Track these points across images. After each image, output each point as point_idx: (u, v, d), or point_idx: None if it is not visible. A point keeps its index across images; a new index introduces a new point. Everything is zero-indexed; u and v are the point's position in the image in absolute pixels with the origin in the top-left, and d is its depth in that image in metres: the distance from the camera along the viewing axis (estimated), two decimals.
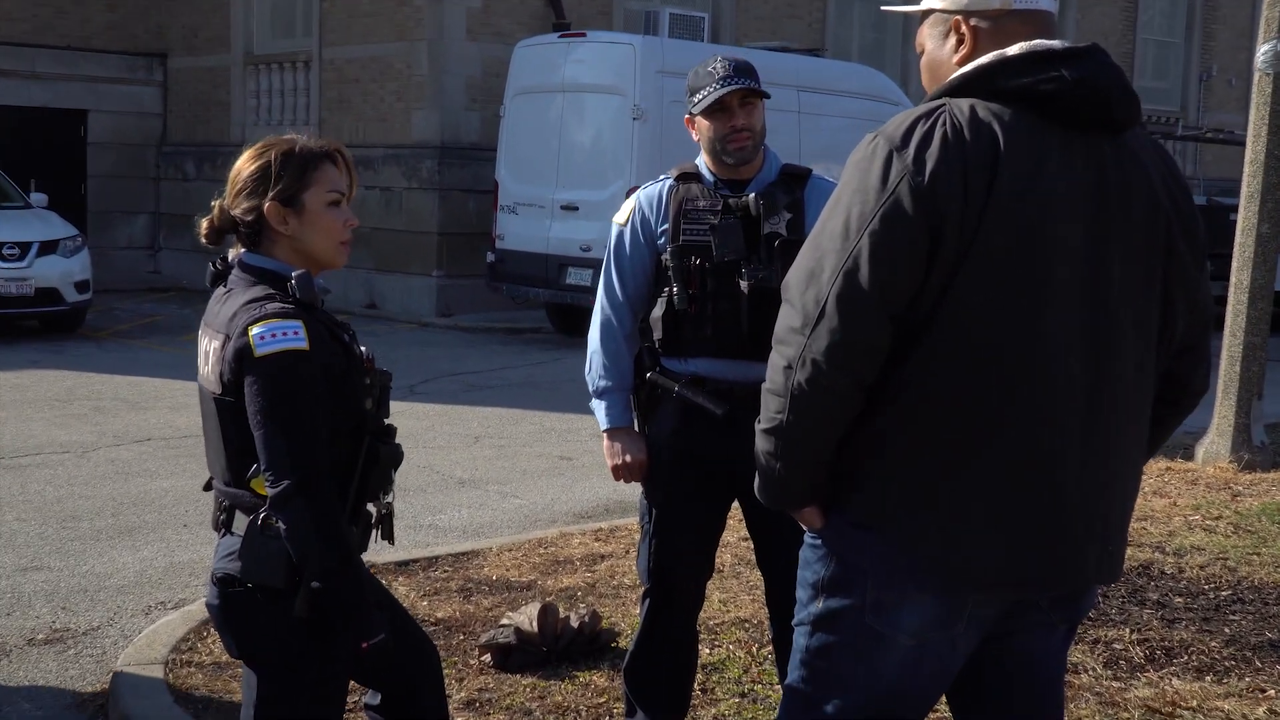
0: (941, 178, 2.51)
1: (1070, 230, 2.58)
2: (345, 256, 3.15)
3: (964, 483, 2.58)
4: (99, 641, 5.51)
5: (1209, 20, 27.61)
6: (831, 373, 2.56)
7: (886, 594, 2.65)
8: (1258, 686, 4.97)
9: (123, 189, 21.65)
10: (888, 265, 2.51)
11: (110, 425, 10.05)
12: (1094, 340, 2.62)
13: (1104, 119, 2.64)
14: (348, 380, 3.02)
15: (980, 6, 2.69)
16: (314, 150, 3.10)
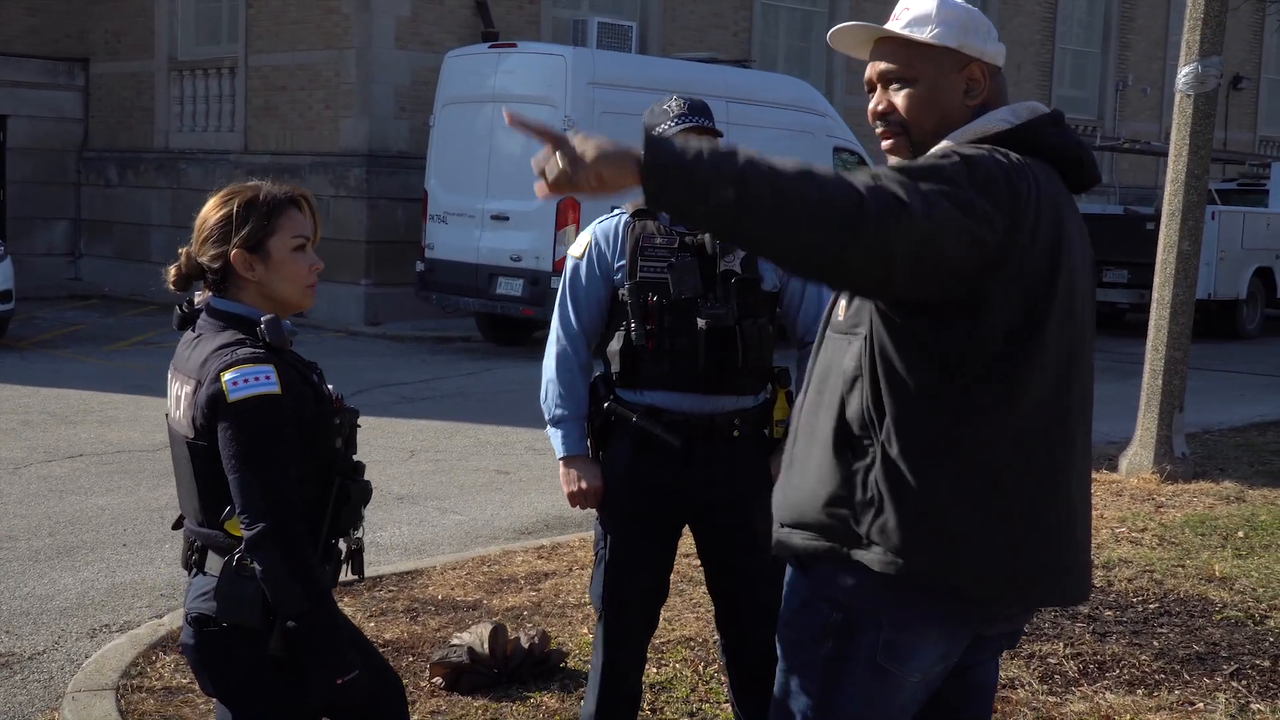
0: (1025, 208, 2.58)
1: (1085, 277, 2.77)
2: (312, 299, 3.22)
3: (1013, 528, 2.68)
4: (45, 666, 5.50)
5: (1125, 31, 28.11)
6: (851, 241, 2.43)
7: (903, 635, 2.72)
8: (1187, 699, 5.13)
9: (42, 195, 21.40)
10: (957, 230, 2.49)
11: (40, 440, 9.97)
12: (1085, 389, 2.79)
13: (1093, 182, 2.82)
14: (318, 421, 3.08)
15: (993, 60, 2.80)
16: (278, 197, 3.15)
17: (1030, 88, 26.53)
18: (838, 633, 2.76)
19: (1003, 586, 2.71)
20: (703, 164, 2.38)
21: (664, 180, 2.38)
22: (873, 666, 2.74)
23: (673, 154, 2.38)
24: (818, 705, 2.80)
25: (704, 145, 2.41)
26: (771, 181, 2.40)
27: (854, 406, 2.73)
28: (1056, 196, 2.67)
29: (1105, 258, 19.36)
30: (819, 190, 2.41)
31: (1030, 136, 2.72)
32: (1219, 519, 7.88)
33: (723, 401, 4.01)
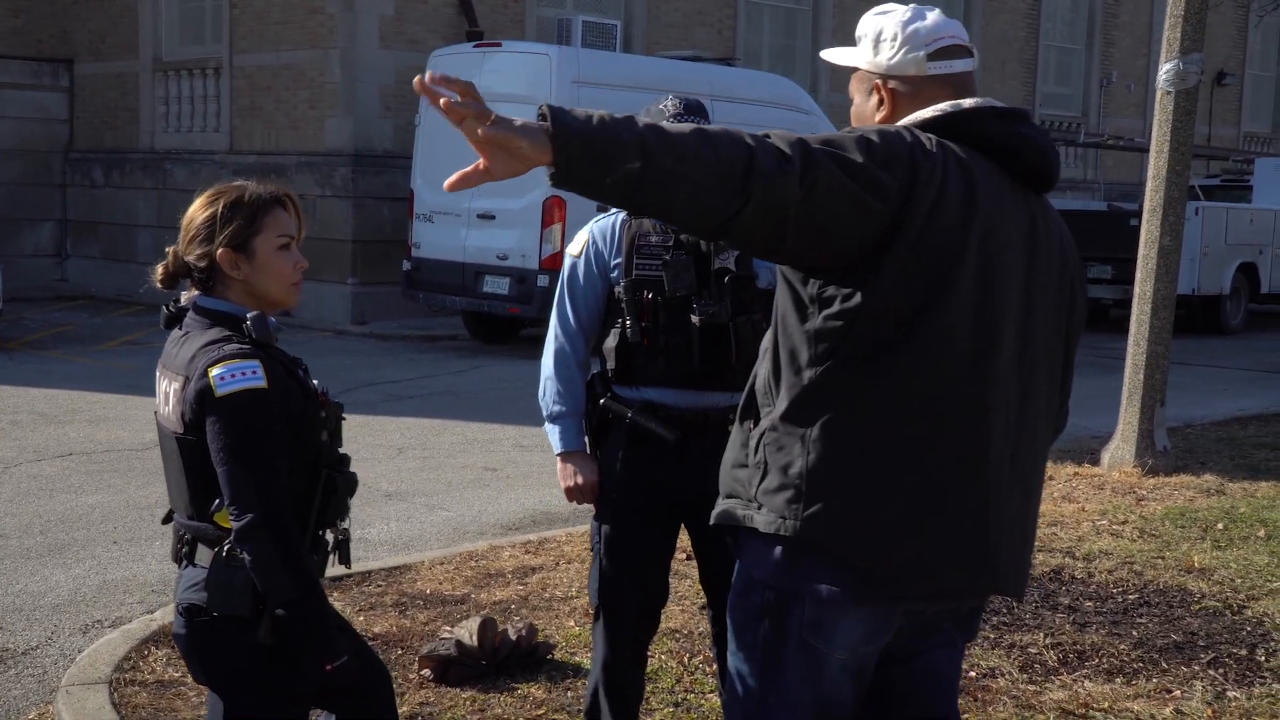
0: (925, 186, 2.64)
1: (1016, 271, 2.80)
2: (297, 296, 3.28)
3: (906, 505, 2.74)
4: (39, 661, 5.56)
5: (1109, 27, 28.24)
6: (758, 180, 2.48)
7: (824, 611, 2.79)
8: (1164, 687, 5.22)
9: (28, 196, 21.39)
10: (840, 184, 2.54)
11: (30, 440, 10.01)
12: (1025, 377, 2.83)
13: (1046, 176, 2.88)
14: (305, 415, 3.14)
15: (899, 72, 2.88)
16: (263, 196, 3.22)
17: (1015, 84, 26.66)
18: (772, 612, 2.84)
19: (901, 565, 2.76)
20: (607, 136, 2.42)
21: (571, 160, 2.42)
22: (801, 644, 2.82)
23: (577, 129, 2.41)
24: (760, 685, 2.89)
25: (604, 114, 2.46)
26: (671, 146, 2.45)
27: (761, 376, 2.85)
28: (979, 184, 2.72)
29: (1089, 254, 19.46)
30: (714, 151, 2.47)
31: (963, 124, 2.79)
32: (1199, 511, 7.97)
33: (717, 397, 4.07)
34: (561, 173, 2.43)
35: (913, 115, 2.84)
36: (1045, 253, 2.87)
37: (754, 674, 2.91)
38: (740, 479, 2.87)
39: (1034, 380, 2.87)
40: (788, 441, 2.76)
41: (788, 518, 2.75)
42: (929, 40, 2.87)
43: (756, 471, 2.81)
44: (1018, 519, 2.90)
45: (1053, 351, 2.94)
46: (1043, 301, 2.87)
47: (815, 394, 2.73)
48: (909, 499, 2.74)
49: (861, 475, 2.73)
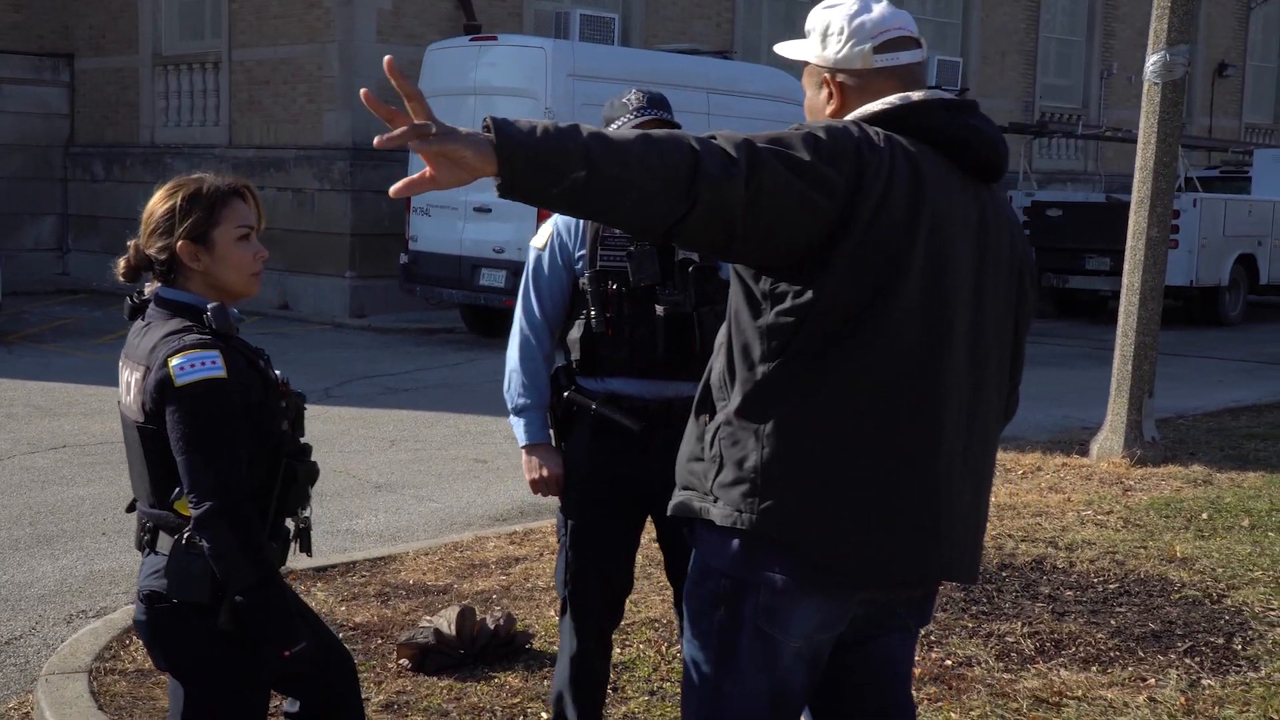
0: (872, 180, 2.65)
1: (965, 262, 2.82)
2: (257, 286, 3.33)
3: (859, 497, 2.76)
4: (21, 651, 5.60)
5: (1109, 19, 28.22)
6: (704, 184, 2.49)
7: (779, 600, 2.82)
8: (1139, 676, 5.24)
9: (29, 191, 21.45)
10: (785, 181, 2.56)
11: (24, 432, 10.07)
12: (975, 369, 2.86)
13: (994, 167, 2.89)
14: (265, 405, 3.18)
15: (846, 65, 2.89)
16: (221, 188, 3.26)
17: (1014, 76, 26.65)
18: (727, 600, 2.86)
19: (855, 557, 2.78)
20: (551, 147, 2.43)
21: (516, 173, 2.42)
22: (756, 631, 2.84)
23: (521, 141, 2.42)
24: (715, 671, 2.90)
25: (547, 124, 2.47)
26: (616, 154, 2.46)
27: (716, 371, 2.87)
28: (926, 177, 2.73)
29: (1087, 246, 19.52)
30: (660, 157, 2.48)
31: (911, 117, 2.81)
32: (1184, 501, 8.00)
33: (681, 387, 4.08)
34: (507, 184, 2.44)
35: (861, 109, 2.86)
36: (994, 243, 2.90)
37: (709, 661, 2.93)
38: (696, 472, 2.89)
39: (985, 371, 2.90)
40: (742, 436, 2.79)
41: (743, 511, 2.78)
42: (875, 33, 2.88)
43: (712, 465, 2.84)
44: (970, 508, 2.93)
45: (1003, 342, 2.97)
46: (993, 292, 2.89)
47: (768, 389, 2.75)
48: (862, 492, 2.76)
49: (815, 469, 2.75)
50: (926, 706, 4.90)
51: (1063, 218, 20.22)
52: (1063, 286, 20.37)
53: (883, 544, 2.79)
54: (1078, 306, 20.82)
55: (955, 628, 5.70)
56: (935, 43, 25.52)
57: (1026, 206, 20.57)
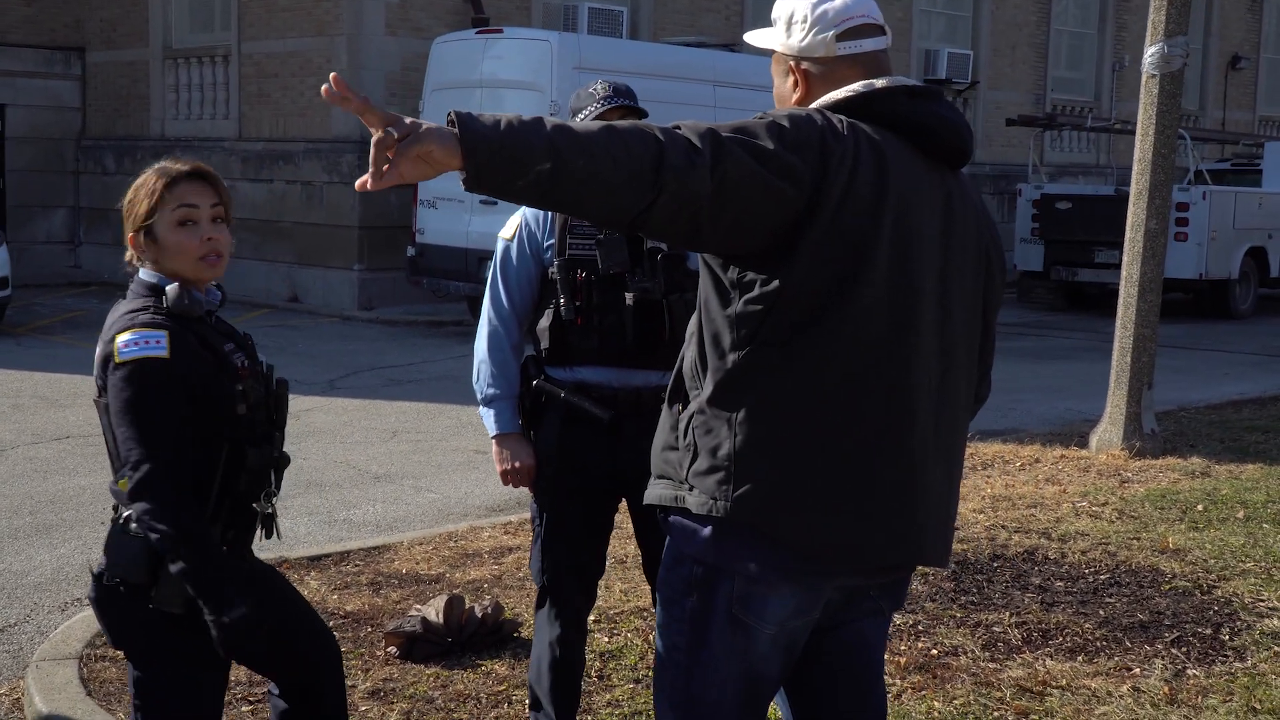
0: (836, 169, 2.67)
1: (931, 248, 2.84)
2: (211, 270, 3.28)
3: (832, 483, 2.78)
4: (15, 638, 5.66)
5: (1121, 11, 28.15)
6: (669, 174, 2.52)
7: (754, 587, 2.84)
8: (1125, 665, 5.26)
9: (41, 183, 21.56)
10: (750, 167, 2.58)
11: (29, 423, 10.14)
12: (943, 353, 2.88)
13: (959, 153, 2.91)
14: (217, 386, 3.19)
15: (809, 54, 2.91)
16: (166, 173, 3.26)
17: (1025, 69, 26.61)
18: (700, 587, 2.88)
19: (829, 543, 2.81)
20: (516, 140, 2.46)
21: (481, 166, 2.45)
22: (730, 618, 2.86)
23: (485, 135, 2.45)
24: (687, 657, 2.92)
25: (511, 118, 2.49)
26: (581, 146, 2.48)
27: (688, 360, 2.90)
28: (890, 164, 2.75)
29: (1097, 238, 19.46)
30: (625, 148, 2.51)
31: (874, 104, 2.82)
32: (1180, 493, 8.00)
33: (650, 375, 4.10)
34: (472, 178, 2.47)
35: (825, 96, 2.88)
36: (961, 229, 2.92)
37: (681, 647, 2.95)
38: (671, 461, 2.92)
39: (954, 356, 2.92)
40: (715, 424, 2.81)
41: (718, 499, 2.80)
42: (838, 21, 2.91)
43: (687, 454, 2.86)
44: (941, 491, 2.95)
45: (971, 328, 2.99)
46: (960, 277, 2.91)
47: (739, 377, 2.77)
48: (834, 477, 2.78)
49: (787, 456, 2.77)
50: (910, 695, 4.93)
51: (1072, 210, 20.18)
52: (1072, 279, 20.33)
53: (856, 530, 2.81)
54: (1087, 299, 20.77)
55: (943, 617, 5.72)
56: (946, 35, 25.51)
57: (1036, 199, 20.54)
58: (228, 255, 3.32)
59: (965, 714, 4.79)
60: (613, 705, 4.85)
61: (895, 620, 5.63)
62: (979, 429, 9.82)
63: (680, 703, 2.97)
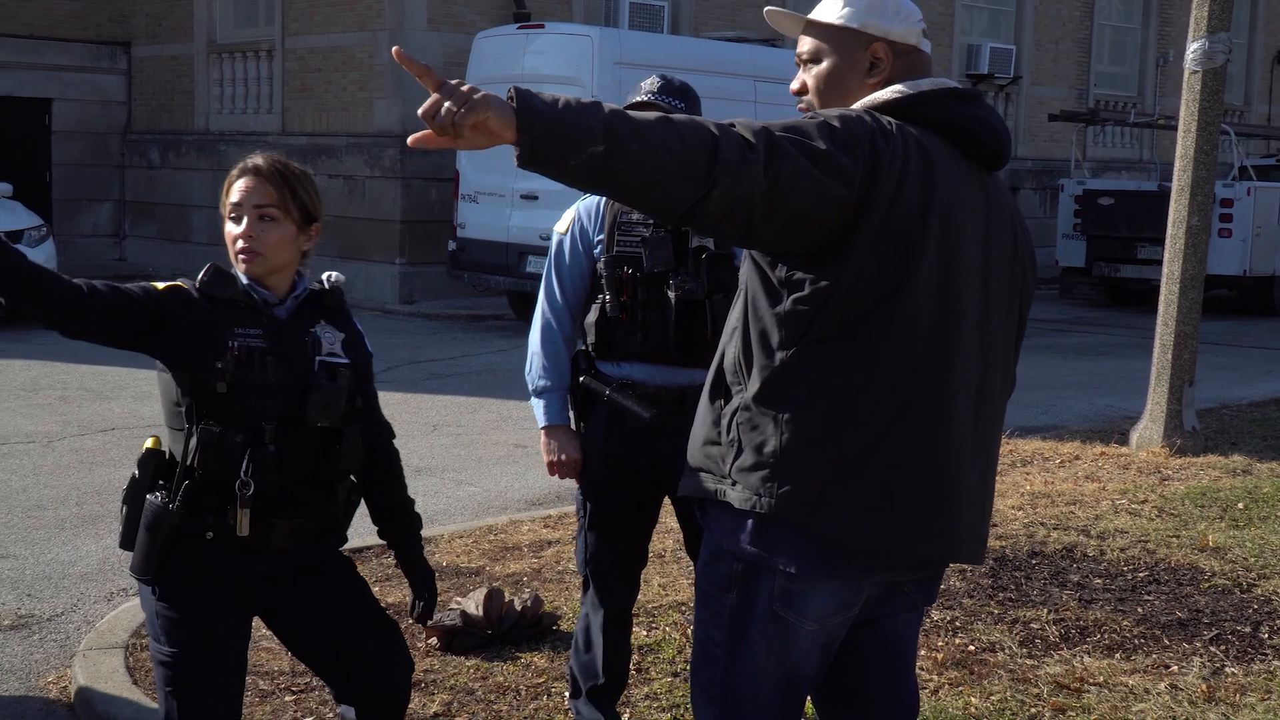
0: (887, 169, 2.70)
1: (974, 249, 2.87)
2: (245, 264, 3.39)
3: (876, 480, 2.81)
4: (62, 627, 5.74)
5: (1165, 6, 27.97)
6: (723, 170, 2.53)
7: (795, 584, 2.87)
8: (1162, 663, 5.26)
9: (87, 177, 21.77)
10: (804, 170, 2.59)
11: (75, 415, 10.25)
12: (984, 351, 2.91)
13: (998, 156, 2.94)
14: (198, 358, 3.27)
15: (901, 40, 2.94)
16: (238, 169, 3.45)
17: (1068, 64, 26.47)
18: (740, 583, 2.90)
19: (871, 539, 2.83)
20: (572, 119, 2.47)
21: (536, 141, 2.46)
22: (770, 615, 2.88)
23: (542, 111, 2.46)
24: (725, 653, 2.95)
25: (570, 98, 2.51)
26: (637, 131, 2.50)
27: (730, 355, 2.91)
28: (936, 165, 2.78)
29: (1139, 234, 19.36)
30: (680, 139, 2.52)
31: (919, 106, 2.85)
32: (1221, 491, 7.97)
33: (694, 374, 4.14)
34: (526, 153, 2.48)
35: (869, 97, 2.90)
36: (998, 229, 2.95)
37: (720, 642, 2.98)
38: (712, 455, 2.93)
39: (992, 355, 2.95)
40: (761, 421, 2.83)
41: (762, 495, 2.82)
42: (918, 16, 2.97)
43: (730, 449, 2.88)
44: (978, 489, 2.98)
45: (1008, 326, 3.02)
46: (998, 277, 2.94)
47: (787, 375, 2.80)
48: (879, 475, 2.81)
49: (832, 454, 2.80)
50: (947, 691, 4.95)
51: (1114, 206, 20.07)
52: (1114, 276, 20.22)
53: (897, 527, 2.84)
54: (1129, 296, 20.65)
55: (981, 614, 5.73)
56: (989, 30, 25.41)
57: (1078, 195, 20.44)
58: (275, 253, 3.40)
59: (1002, 710, 4.80)
60: (651, 698, 4.89)
61: (933, 616, 5.65)
62: (1018, 426, 9.82)
63: (718, 697, 3.00)
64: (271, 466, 3.32)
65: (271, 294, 3.42)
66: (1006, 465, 8.63)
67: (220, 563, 3.36)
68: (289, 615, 3.52)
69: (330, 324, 3.50)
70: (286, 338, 3.39)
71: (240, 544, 3.34)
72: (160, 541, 3.29)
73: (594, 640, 4.41)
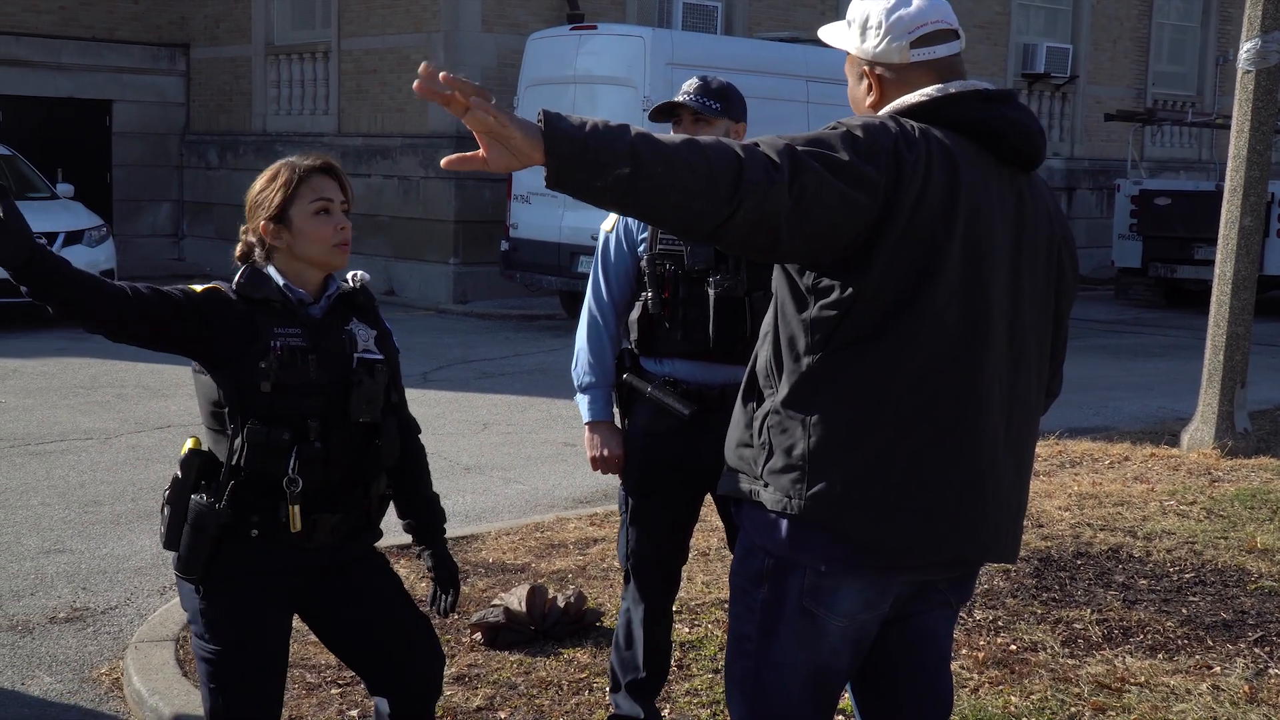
0: (911, 175, 2.73)
1: (1002, 248, 2.89)
2: (342, 256, 3.50)
3: (904, 481, 2.84)
4: (116, 620, 5.85)
5: (1225, 4, 27.69)
6: (748, 190, 2.57)
7: (824, 580, 2.91)
8: (1205, 664, 5.25)
9: (147, 178, 22.05)
10: (828, 182, 2.63)
11: (132, 412, 10.41)
12: (1014, 352, 2.93)
13: (1029, 157, 2.96)
14: (241, 359, 3.34)
15: (883, 59, 2.95)
16: (299, 167, 3.48)
17: (1126, 63, 26.28)
18: (771, 578, 2.95)
19: (900, 539, 2.86)
20: (598, 141, 2.52)
21: (563, 162, 2.52)
22: (800, 609, 2.92)
23: (569, 133, 2.52)
24: (757, 647, 2.99)
25: (598, 121, 2.56)
26: (662, 154, 2.55)
27: (762, 359, 2.96)
28: (961, 168, 2.80)
29: (1196, 234, 19.18)
30: (705, 161, 2.56)
31: (947, 109, 2.87)
32: (1271, 493, 7.91)
33: (734, 371, 4.17)
34: (553, 175, 2.54)
35: (897, 101, 2.93)
36: (1031, 230, 2.96)
37: (752, 637, 3.02)
38: (746, 457, 2.98)
39: (1024, 354, 2.96)
40: (790, 425, 2.87)
41: (793, 497, 2.86)
42: (911, 28, 2.94)
43: (761, 452, 2.93)
44: (1011, 488, 2.99)
45: (1042, 325, 3.03)
46: (1031, 277, 2.96)
47: (814, 380, 2.84)
48: (906, 476, 2.84)
49: (861, 456, 2.83)
50: (988, 689, 4.96)
51: (1171, 206, 19.92)
52: (1171, 276, 20.05)
53: (928, 526, 2.86)
54: (1186, 296, 20.45)
55: (1024, 613, 5.73)
56: (1046, 29, 25.26)
57: (1134, 195, 20.29)
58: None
59: (1042, 709, 4.81)
60: (691, 694, 4.93)
61: (975, 616, 5.66)
62: (1069, 427, 9.79)
63: (750, 691, 3.04)
64: (318, 463, 3.39)
65: (306, 293, 3.49)
66: (1054, 466, 8.61)
67: (265, 560, 3.43)
68: (327, 610, 3.59)
69: (362, 321, 3.57)
70: (324, 336, 3.46)
71: (285, 541, 3.41)
72: (207, 541, 3.36)
73: (635, 635, 4.47)
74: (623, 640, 4.49)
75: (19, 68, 20.64)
